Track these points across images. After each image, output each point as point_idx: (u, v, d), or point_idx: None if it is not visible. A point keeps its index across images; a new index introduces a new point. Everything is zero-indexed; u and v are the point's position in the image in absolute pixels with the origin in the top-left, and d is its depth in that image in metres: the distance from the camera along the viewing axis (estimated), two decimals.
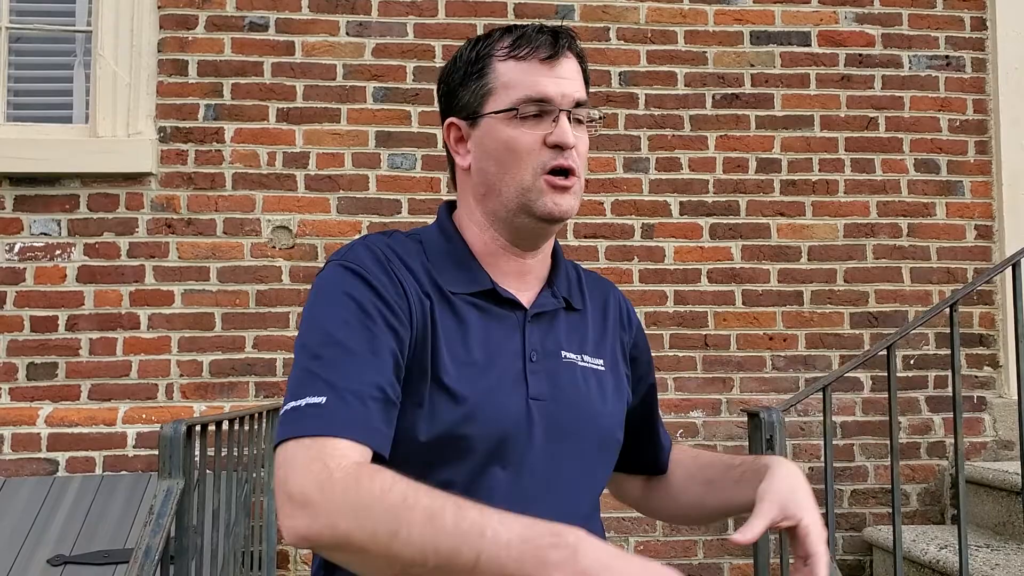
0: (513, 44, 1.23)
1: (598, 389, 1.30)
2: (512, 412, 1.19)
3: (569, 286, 1.35)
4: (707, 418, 3.43)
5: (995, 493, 3.21)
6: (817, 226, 3.55)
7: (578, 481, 1.26)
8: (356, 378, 1.08)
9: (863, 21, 3.63)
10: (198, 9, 3.42)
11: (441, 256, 1.26)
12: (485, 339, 1.21)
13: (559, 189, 1.22)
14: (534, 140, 1.21)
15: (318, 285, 1.20)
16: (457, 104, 1.27)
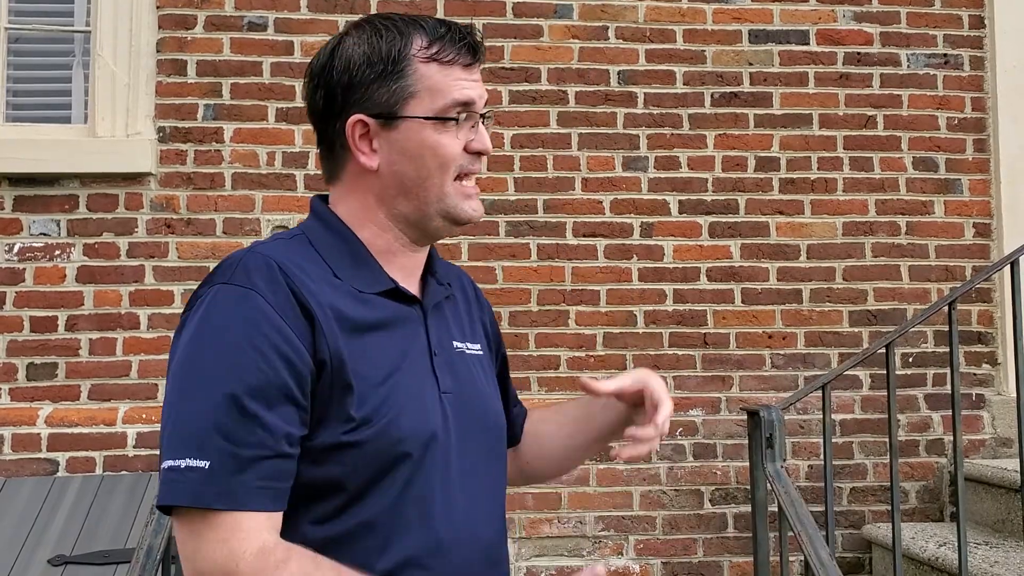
0: (435, 46, 1.20)
1: (484, 376, 1.32)
2: (433, 410, 1.18)
3: (445, 272, 1.35)
4: (706, 416, 3.43)
5: (994, 490, 3.22)
6: (816, 224, 3.56)
7: (491, 475, 1.28)
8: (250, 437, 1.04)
9: (861, 19, 3.64)
10: (197, 9, 3.42)
11: (338, 256, 1.21)
12: (398, 339, 1.19)
13: (472, 195, 1.24)
14: (459, 145, 1.21)
15: (205, 313, 1.10)
16: (365, 101, 1.20)
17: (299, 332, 1.09)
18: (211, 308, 1.10)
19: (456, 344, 1.28)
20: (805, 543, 1.92)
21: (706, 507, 3.39)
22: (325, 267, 1.18)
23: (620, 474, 3.37)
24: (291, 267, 1.13)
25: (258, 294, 1.09)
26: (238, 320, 1.07)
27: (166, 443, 1.06)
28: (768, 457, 2.23)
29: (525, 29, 3.52)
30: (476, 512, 1.22)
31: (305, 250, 1.20)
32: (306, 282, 1.13)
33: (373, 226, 1.24)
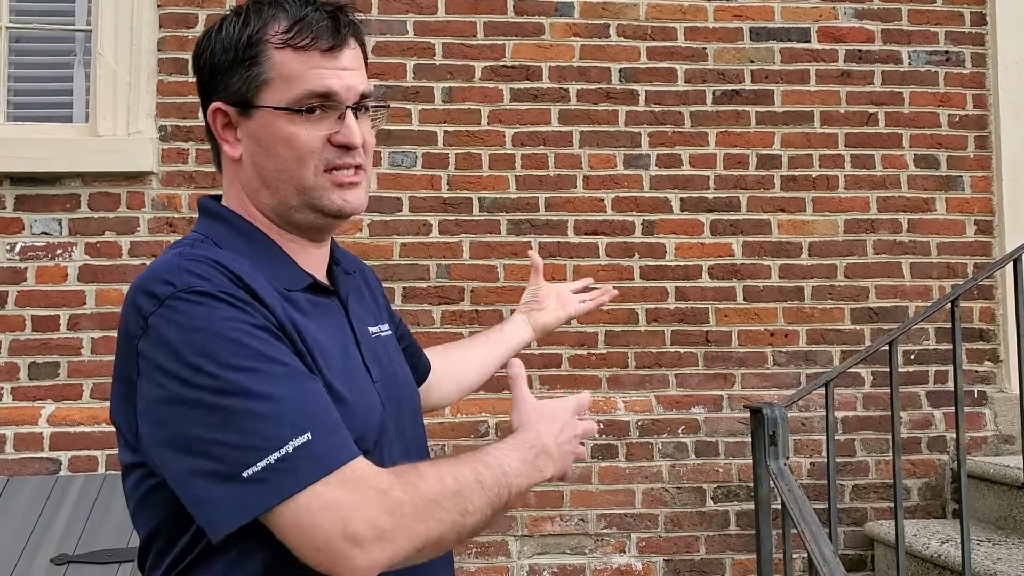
0: (291, 30, 1.13)
1: (398, 356, 1.33)
2: (373, 399, 1.17)
3: (345, 258, 1.32)
4: (708, 414, 3.43)
5: (996, 487, 3.22)
6: (817, 222, 3.56)
7: (423, 451, 1.30)
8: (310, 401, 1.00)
9: (862, 17, 3.63)
10: (198, 7, 3.42)
11: (254, 255, 1.14)
12: (330, 333, 1.16)
13: (346, 186, 1.15)
14: (317, 138, 1.13)
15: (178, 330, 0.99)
16: (224, 88, 1.15)
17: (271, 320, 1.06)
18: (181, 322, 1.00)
19: (371, 330, 1.27)
20: (809, 540, 1.92)
21: (708, 505, 3.39)
22: (247, 265, 1.10)
23: (623, 472, 3.37)
24: (237, 268, 1.08)
25: (212, 286, 1.03)
26: (217, 316, 1.01)
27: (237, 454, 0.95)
28: (771, 454, 2.23)
29: (526, 27, 3.52)
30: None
31: (221, 252, 1.11)
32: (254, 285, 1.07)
33: (263, 225, 1.18)
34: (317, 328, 1.13)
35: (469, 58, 3.49)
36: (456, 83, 3.48)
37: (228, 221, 1.17)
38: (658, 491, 3.38)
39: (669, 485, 3.39)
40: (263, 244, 1.16)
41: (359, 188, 1.18)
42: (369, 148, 1.19)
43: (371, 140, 1.20)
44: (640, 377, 3.44)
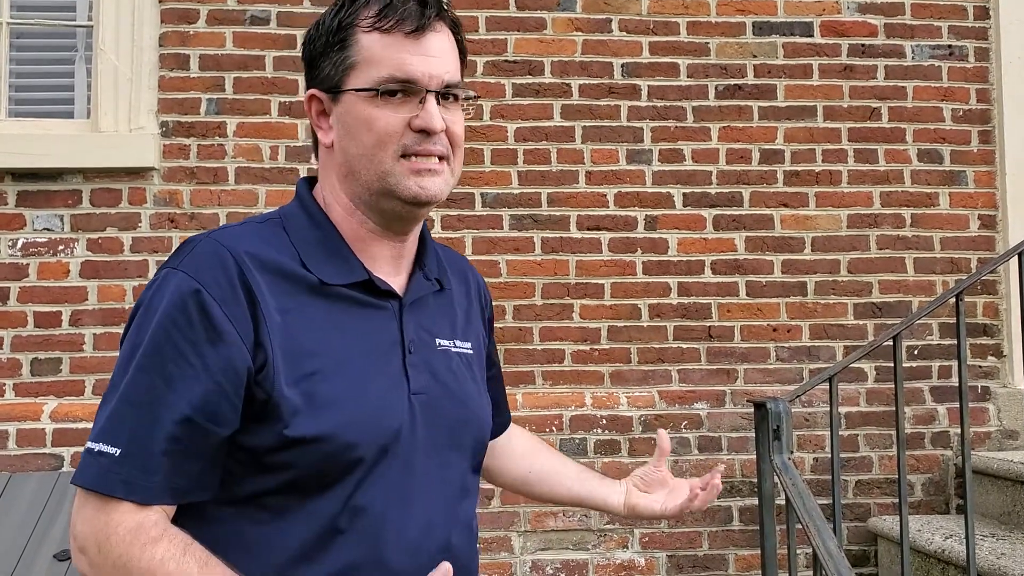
0: (379, 14, 1.15)
1: (470, 376, 1.27)
2: (396, 410, 1.14)
3: (439, 265, 1.29)
4: (711, 410, 3.43)
5: (1000, 483, 3.21)
6: (820, 217, 3.55)
7: (462, 474, 1.24)
8: (154, 430, 1.03)
9: (866, 11, 3.62)
10: (199, 3, 3.41)
11: (311, 245, 1.16)
12: (362, 334, 1.15)
13: (424, 172, 1.15)
14: (398, 122, 1.13)
15: (147, 295, 1.09)
16: (319, 75, 1.19)
17: (240, 326, 1.06)
18: (156, 294, 1.08)
19: (440, 341, 1.23)
20: (813, 535, 1.91)
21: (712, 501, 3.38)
22: (294, 255, 1.14)
23: (626, 467, 3.37)
24: (247, 256, 1.10)
25: (201, 285, 1.06)
26: (175, 311, 1.05)
27: (98, 416, 1.07)
28: (775, 449, 2.23)
29: (528, 22, 3.51)
30: (443, 516, 1.18)
31: (276, 236, 1.16)
32: (260, 276, 1.09)
33: (340, 208, 1.20)
34: (336, 324, 1.12)
35: (471, 53, 3.44)
36: None
37: (304, 204, 1.21)
38: None
39: None
40: (328, 235, 1.18)
41: (438, 176, 1.16)
42: (456, 139, 1.19)
43: (458, 131, 1.19)
44: (643, 372, 3.44)
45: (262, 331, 1.07)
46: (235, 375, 1.05)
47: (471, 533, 1.25)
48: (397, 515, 1.12)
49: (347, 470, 1.09)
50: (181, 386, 1.04)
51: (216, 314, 1.05)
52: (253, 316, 1.07)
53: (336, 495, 1.09)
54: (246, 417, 1.07)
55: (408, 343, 1.17)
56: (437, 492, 1.18)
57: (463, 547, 1.21)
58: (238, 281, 1.07)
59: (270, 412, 1.06)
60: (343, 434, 1.08)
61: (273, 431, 1.06)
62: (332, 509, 1.09)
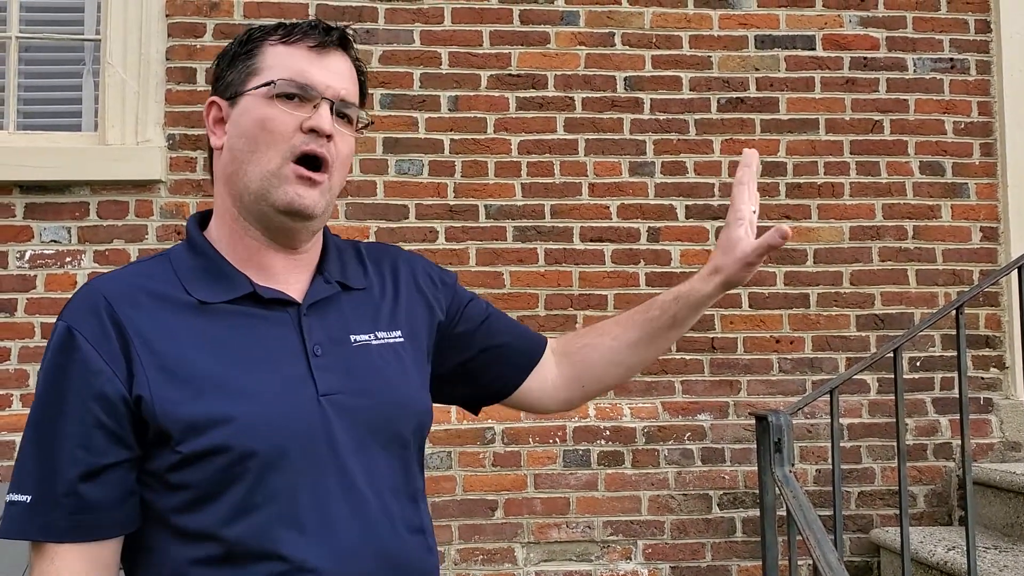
0: (286, 31, 1.22)
1: (398, 364, 1.25)
2: (300, 412, 1.13)
3: (343, 267, 1.29)
4: (714, 421, 3.44)
5: (1002, 494, 3.22)
6: (823, 229, 3.56)
7: (393, 471, 1.21)
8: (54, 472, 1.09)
9: (867, 24, 3.65)
10: (206, 17, 3.45)
11: (192, 271, 1.20)
12: (253, 344, 1.16)
13: (305, 180, 1.17)
14: (291, 122, 1.17)
15: (46, 349, 1.16)
16: (222, 84, 1.24)
17: (115, 364, 1.10)
18: (48, 346, 1.15)
19: (355, 338, 1.23)
20: (814, 547, 1.93)
21: (714, 511, 3.39)
22: (177, 284, 1.18)
23: (629, 479, 3.38)
24: (122, 296, 1.15)
25: (78, 332, 1.12)
26: (59, 359, 1.12)
27: (16, 464, 1.13)
28: (776, 461, 2.24)
29: (532, 36, 3.54)
30: (376, 518, 1.16)
31: (159, 270, 1.21)
32: (132, 311, 1.14)
33: (231, 223, 1.22)
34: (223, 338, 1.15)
35: (475, 67, 3.51)
36: (462, 91, 3.50)
37: (189, 236, 1.26)
38: (664, 498, 3.39)
39: (675, 492, 3.39)
40: (208, 258, 1.21)
41: (316, 189, 1.19)
42: (342, 156, 1.21)
43: (345, 149, 1.22)
44: (646, 384, 3.45)
45: (135, 363, 1.11)
46: (112, 407, 1.10)
47: (414, 531, 1.21)
48: (314, 516, 1.12)
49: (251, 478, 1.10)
50: (67, 426, 1.09)
51: (88, 352, 1.10)
52: (124, 350, 1.11)
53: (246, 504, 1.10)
54: (145, 443, 1.12)
55: (313, 346, 1.18)
56: (366, 492, 1.16)
57: (406, 549, 1.19)
58: (108, 320, 1.12)
59: (161, 435, 1.10)
60: (238, 442, 1.09)
61: (169, 451, 1.10)
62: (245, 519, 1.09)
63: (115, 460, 1.10)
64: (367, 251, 1.36)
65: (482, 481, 3.33)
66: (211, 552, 1.09)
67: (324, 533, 1.12)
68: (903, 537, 2.58)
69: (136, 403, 1.10)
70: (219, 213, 1.25)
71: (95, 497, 1.09)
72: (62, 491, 1.08)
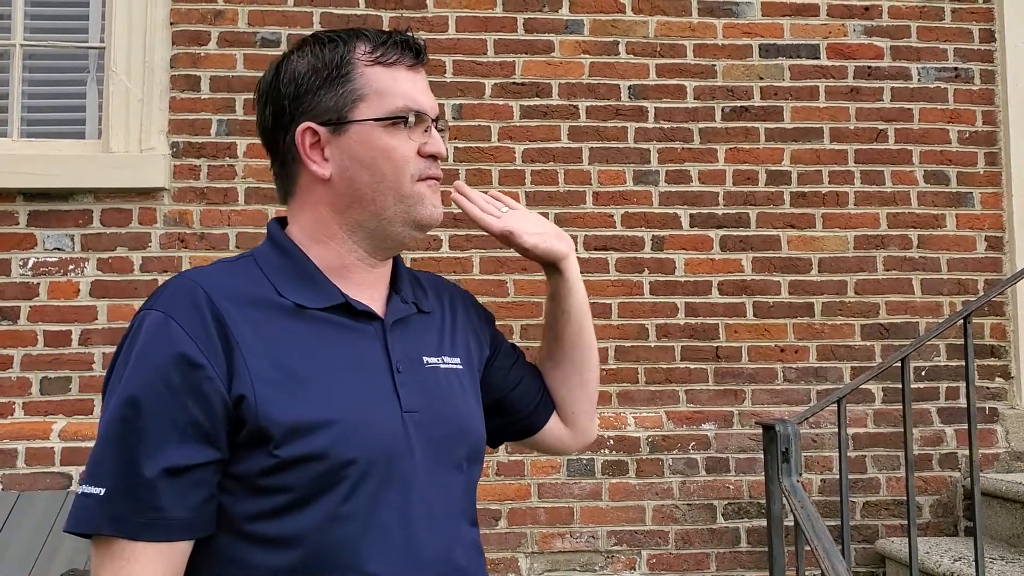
0: (377, 50, 1.21)
1: (461, 390, 1.28)
2: (389, 429, 1.14)
3: (414, 289, 1.31)
4: (719, 430, 3.42)
5: (1009, 505, 3.20)
6: (827, 238, 3.56)
7: (460, 492, 1.23)
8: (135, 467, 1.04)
9: (872, 34, 3.65)
10: (210, 25, 3.45)
11: (284, 273, 1.19)
12: (347, 354, 1.16)
13: (431, 197, 1.22)
14: (411, 148, 1.20)
15: (129, 341, 1.11)
16: (313, 108, 1.19)
17: (214, 359, 1.07)
18: (133, 335, 1.10)
19: (428, 360, 1.24)
20: (822, 557, 1.91)
21: (719, 521, 3.38)
22: (268, 286, 1.16)
23: (633, 488, 3.36)
24: (220, 291, 1.12)
25: (176, 322, 1.08)
26: (153, 350, 1.07)
27: (91, 456, 1.09)
28: (784, 471, 2.23)
29: (536, 45, 3.54)
30: (447, 536, 1.18)
31: (249, 271, 1.19)
32: (232, 307, 1.11)
33: (327, 240, 1.22)
34: (320, 344, 1.14)
35: (479, 75, 3.51)
36: (466, 100, 3.49)
37: (275, 239, 1.23)
38: (668, 508, 3.37)
39: (680, 502, 3.38)
40: (300, 264, 1.20)
41: (438, 199, 1.25)
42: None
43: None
44: (650, 393, 3.44)
45: (236, 360, 1.08)
46: (209, 404, 1.06)
47: (478, 553, 1.25)
48: (400, 534, 1.12)
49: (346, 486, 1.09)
50: (155, 420, 1.05)
51: (186, 344, 1.07)
52: (226, 346, 1.08)
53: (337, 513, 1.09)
54: (235, 446, 1.08)
55: (395, 363, 1.19)
56: (439, 512, 1.17)
57: (471, 567, 1.21)
58: (209, 313, 1.09)
59: (258, 437, 1.07)
60: (337, 451, 1.08)
61: (265, 454, 1.07)
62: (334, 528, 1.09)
63: (203, 460, 1.06)
64: (423, 277, 1.38)
65: (486, 490, 3.31)
66: (292, 561, 1.08)
67: (405, 549, 1.12)
68: (911, 548, 2.56)
69: (236, 402, 1.07)
70: (309, 230, 1.22)
71: (176, 496, 1.05)
72: (142, 486, 1.04)
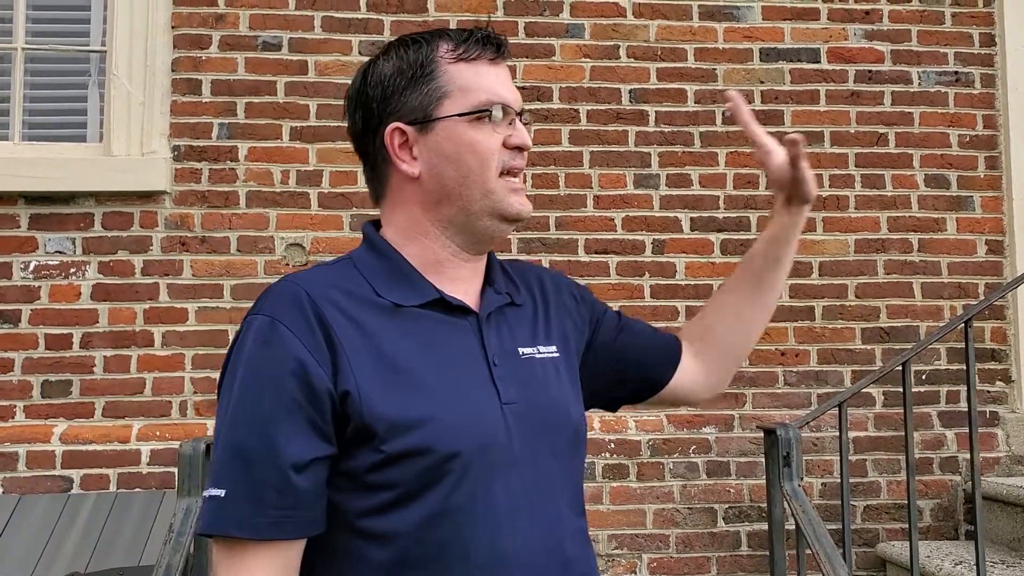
0: (459, 47, 1.22)
1: (557, 379, 1.29)
2: (490, 421, 1.16)
3: (506, 281, 1.33)
4: (720, 434, 3.43)
5: (1009, 509, 3.20)
6: (828, 242, 3.56)
7: (563, 481, 1.24)
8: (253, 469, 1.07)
9: (872, 38, 3.65)
10: (212, 29, 3.45)
11: (380, 273, 1.21)
12: (445, 349, 1.18)
13: (519, 191, 1.23)
14: (496, 141, 1.21)
15: (238, 346, 1.15)
16: (399, 108, 1.22)
17: (320, 357, 1.10)
18: (242, 340, 1.14)
19: (523, 350, 1.26)
20: (823, 562, 1.91)
21: (720, 525, 3.38)
22: (367, 287, 1.19)
23: (634, 492, 3.36)
24: (321, 293, 1.15)
25: (282, 323, 1.11)
26: (262, 352, 1.10)
27: (212, 468, 1.12)
28: (785, 476, 2.23)
29: (537, 48, 3.54)
30: (551, 523, 1.19)
31: (347, 272, 1.21)
32: (333, 308, 1.14)
33: (421, 238, 1.24)
34: (419, 340, 1.17)
35: None
36: None
37: (371, 241, 1.26)
38: (669, 511, 3.37)
39: (680, 505, 3.38)
40: (395, 263, 1.23)
41: (525, 194, 1.25)
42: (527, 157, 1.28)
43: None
44: None
45: (340, 358, 1.11)
46: (318, 400, 1.09)
47: (586, 543, 1.26)
48: (506, 525, 1.14)
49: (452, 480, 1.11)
50: (269, 418, 1.08)
51: (293, 343, 1.10)
52: (329, 344, 1.11)
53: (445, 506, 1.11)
54: (342, 442, 1.11)
55: (491, 355, 1.21)
56: (545, 502, 1.19)
57: (580, 557, 1.22)
58: (312, 313, 1.12)
59: (363, 433, 1.10)
60: (441, 445, 1.10)
61: (371, 450, 1.10)
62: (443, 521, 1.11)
63: (316, 455, 1.09)
64: (512, 269, 1.39)
65: None
66: (401, 555, 1.10)
67: (513, 540, 1.14)
68: (912, 552, 2.56)
69: (342, 399, 1.10)
70: (403, 229, 1.25)
71: (292, 493, 1.08)
72: (259, 485, 1.07)
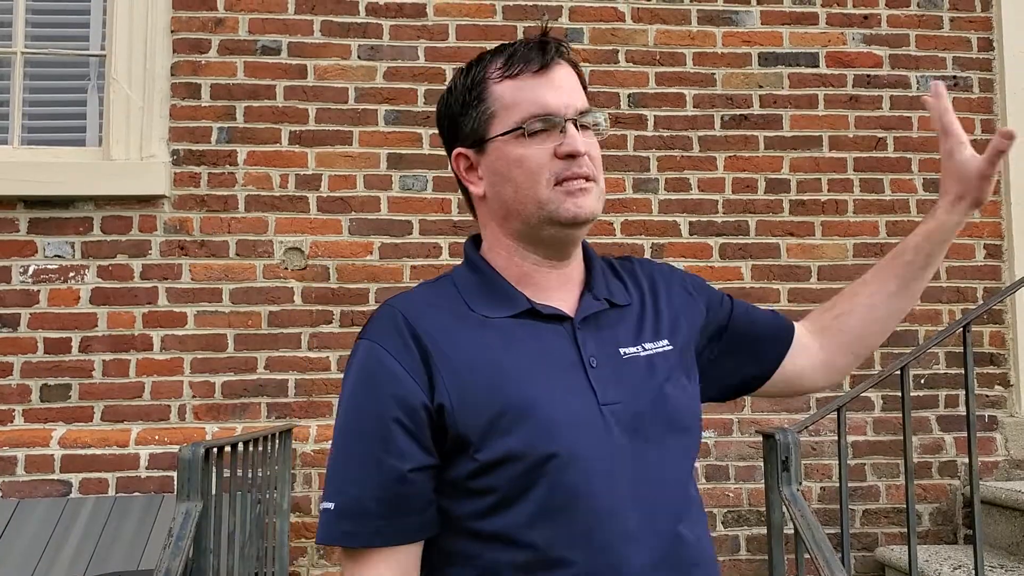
0: (505, 64, 1.23)
1: (666, 373, 1.28)
2: (585, 421, 1.18)
3: (608, 284, 1.33)
4: (719, 438, 3.43)
5: (1008, 513, 3.20)
6: (827, 246, 3.56)
7: (672, 476, 1.25)
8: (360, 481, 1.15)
9: (871, 42, 3.66)
10: (211, 33, 3.45)
11: (474, 289, 1.26)
12: (539, 355, 1.21)
13: (576, 192, 1.22)
14: (544, 154, 1.20)
15: (347, 368, 1.23)
16: (460, 134, 1.27)
17: (416, 375, 1.16)
18: (350, 364, 1.22)
19: (626, 351, 1.26)
20: (823, 567, 1.91)
21: (719, 529, 3.38)
22: (461, 302, 1.24)
23: None
24: (416, 313, 1.21)
25: (381, 346, 1.18)
26: (364, 373, 1.19)
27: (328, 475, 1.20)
28: (784, 480, 2.23)
29: None
30: (668, 526, 1.20)
31: (444, 290, 1.27)
32: (428, 326, 1.19)
33: (504, 252, 1.28)
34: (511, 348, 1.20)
35: None
36: None
37: (469, 259, 1.31)
38: None
39: None
40: (487, 277, 1.28)
41: (589, 194, 1.23)
42: (596, 160, 1.25)
43: (596, 154, 1.26)
44: None
45: (435, 374, 1.16)
46: (415, 414, 1.15)
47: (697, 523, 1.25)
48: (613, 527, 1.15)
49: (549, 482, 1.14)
50: (372, 434, 1.15)
51: (391, 364, 1.17)
52: (424, 361, 1.17)
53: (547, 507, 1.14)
54: (443, 453, 1.17)
55: (588, 358, 1.23)
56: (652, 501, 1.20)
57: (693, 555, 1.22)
58: (408, 334, 1.18)
59: (459, 443, 1.15)
60: (534, 448, 1.13)
61: (468, 459, 1.15)
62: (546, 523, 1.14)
63: (417, 465, 1.15)
64: (620, 266, 1.40)
65: None
66: (511, 555, 1.14)
67: (620, 542, 1.15)
68: (911, 556, 2.56)
69: (438, 411, 1.15)
70: (491, 245, 1.30)
71: (394, 503, 1.14)
72: (366, 497, 1.14)
